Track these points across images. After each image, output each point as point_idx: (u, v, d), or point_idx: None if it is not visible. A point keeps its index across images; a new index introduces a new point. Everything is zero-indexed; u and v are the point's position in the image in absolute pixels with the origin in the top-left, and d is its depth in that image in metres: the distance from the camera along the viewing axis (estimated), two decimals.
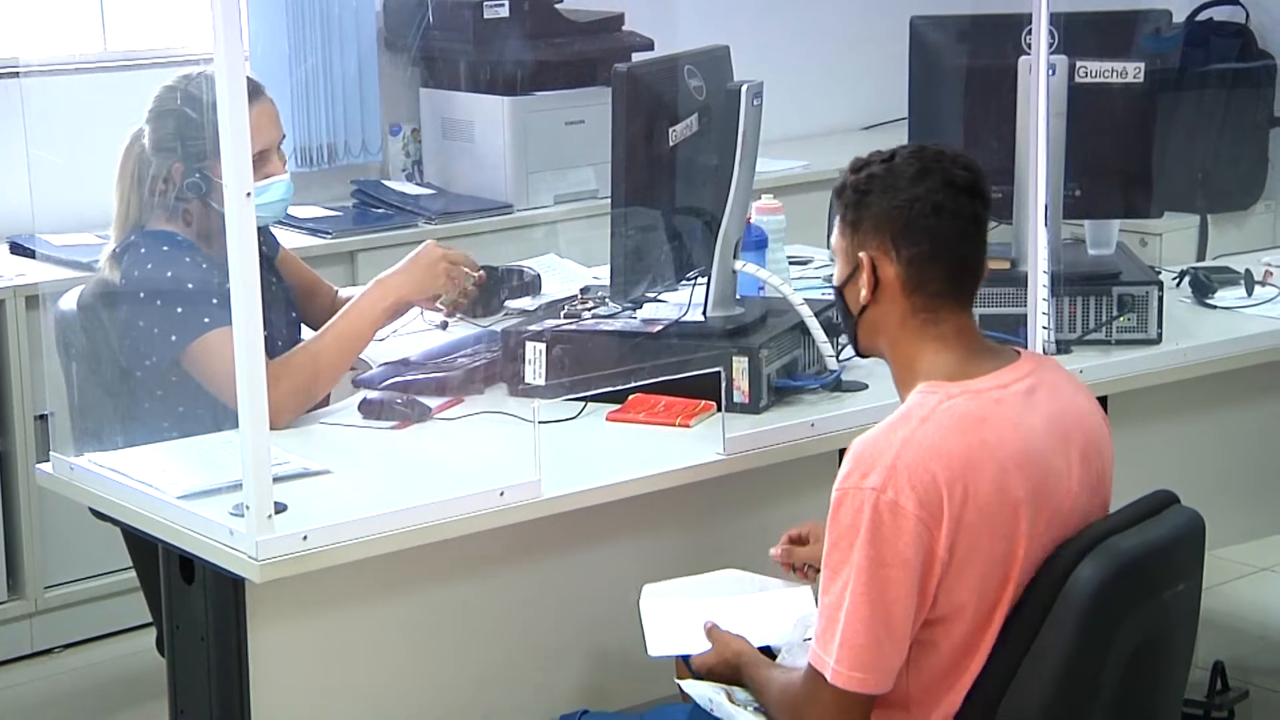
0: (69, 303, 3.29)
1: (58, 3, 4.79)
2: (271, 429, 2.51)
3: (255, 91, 3.19)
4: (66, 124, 4.38)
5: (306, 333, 3.43)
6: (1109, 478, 2.53)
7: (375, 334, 3.20)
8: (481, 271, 3.42)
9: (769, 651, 2.61)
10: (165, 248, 3.14)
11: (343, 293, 3.55)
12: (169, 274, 3.11)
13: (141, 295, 3.11)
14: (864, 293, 2.47)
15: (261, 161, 3.19)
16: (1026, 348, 3.22)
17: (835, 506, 2.34)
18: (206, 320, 3.04)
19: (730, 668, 2.56)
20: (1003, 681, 2.37)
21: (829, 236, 2.60)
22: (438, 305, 3.32)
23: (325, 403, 3.18)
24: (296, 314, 3.42)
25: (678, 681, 2.60)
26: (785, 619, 2.65)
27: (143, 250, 3.15)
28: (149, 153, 3.17)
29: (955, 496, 2.30)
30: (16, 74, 4.01)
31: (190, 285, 3.08)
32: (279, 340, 3.26)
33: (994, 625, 2.36)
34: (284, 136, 3.30)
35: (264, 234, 3.28)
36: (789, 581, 2.78)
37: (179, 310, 3.08)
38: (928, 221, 2.43)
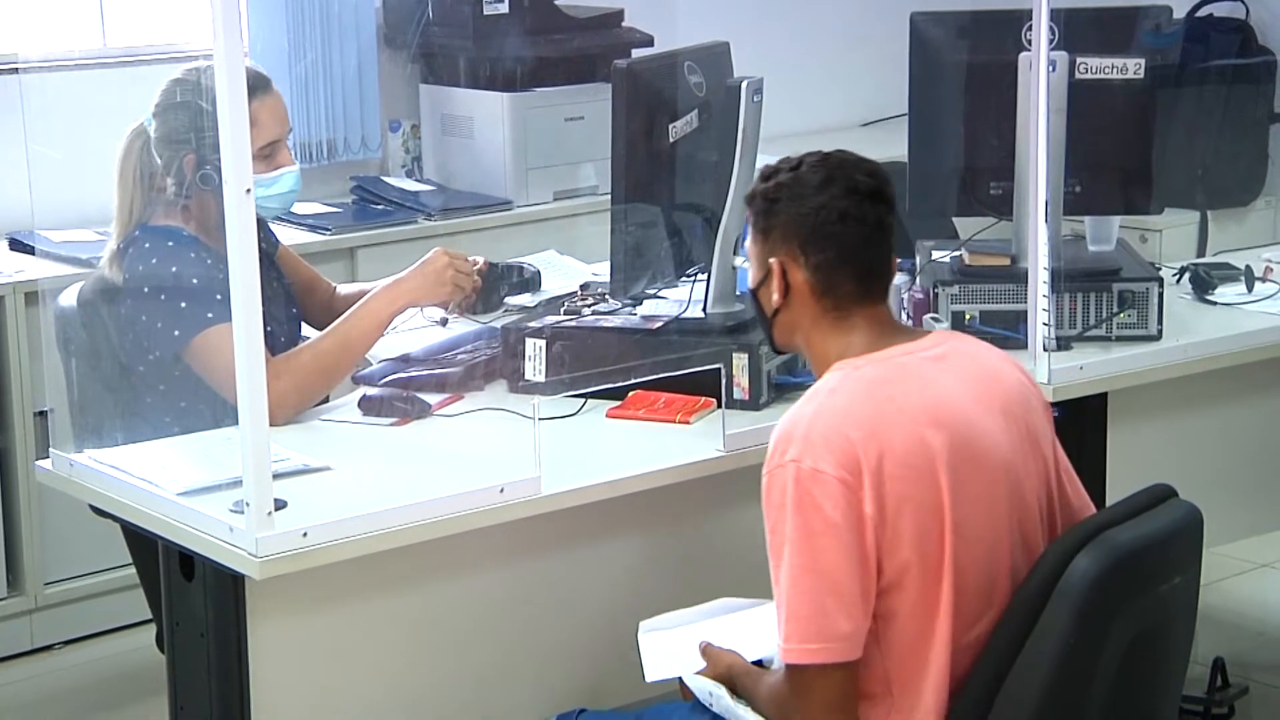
0: (69, 299, 3.28)
1: None
2: (272, 425, 2.51)
3: (263, 85, 3.21)
4: (66, 120, 4.36)
5: (306, 329, 3.43)
6: (1044, 432, 2.57)
7: (382, 334, 3.20)
8: (483, 260, 3.42)
9: (766, 666, 2.62)
10: (169, 243, 3.15)
11: (340, 289, 3.55)
12: (173, 269, 3.11)
13: (145, 290, 3.12)
14: (775, 297, 2.57)
15: (271, 153, 3.22)
16: (1026, 345, 3.24)
17: (765, 492, 2.43)
18: (210, 315, 3.04)
19: (725, 681, 2.58)
20: (999, 672, 2.39)
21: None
22: (447, 311, 3.33)
23: (325, 399, 3.18)
24: (297, 310, 3.42)
25: (680, 675, 2.60)
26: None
27: (147, 245, 3.15)
28: (154, 147, 3.17)
29: (871, 454, 2.37)
30: (16, 70, 4.00)
31: (194, 280, 3.08)
32: (280, 336, 3.26)
33: (945, 584, 2.39)
34: (291, 130, 3.32)
35: (264, 230, 3.28)
36: None
37: (182, 305, 3.08)
38: (833, 228, 2.52)
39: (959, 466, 2.40)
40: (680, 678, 2.61)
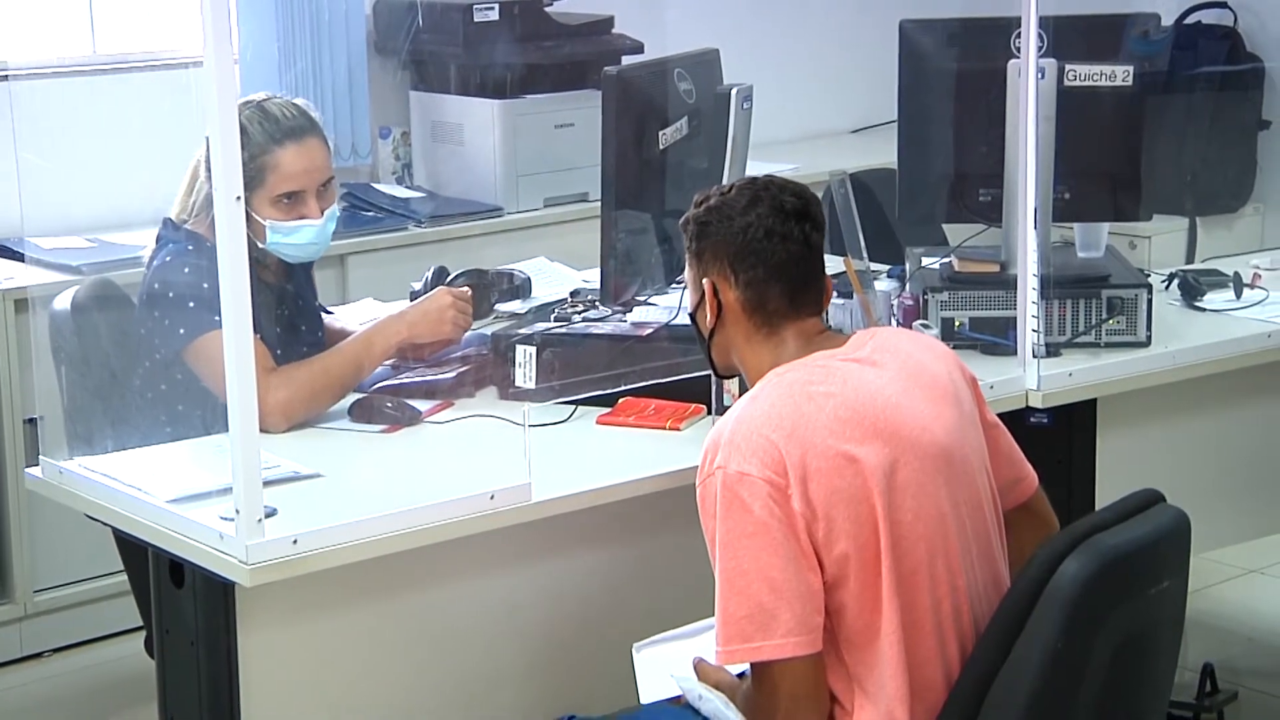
0: (63, 302, 3.29)
1: (47, 6, 4.78)
2: (262, 434, 2.51)
3: (299, 131, 3.17)
4: (55, 127, 4.37)
5: None
6: (974, 410, 2.61)
7: (380, 364, 3.21)
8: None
9: None
10: (190, 247, 3.16)
11: (326, 320, 3.52)
12: (186, 270, 3.12)
13: (156, 286, 3.13)
14: (709, 317, 2.63)
15: (295, 203, 3.17)
16: (1016, 352, 3.24)
17: (700, 504, 2.48)
18: (216, 319, 3.04)
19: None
20: (987, 675, 2.39)
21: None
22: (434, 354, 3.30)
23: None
24: (323, 333, 3.41)
25: (672, 675, 2.62)
26: None
27: (170, 245, 3.18)
28: (202, 166, 3.18)
29: (793, 452, 2.41)
30: (5, 77, 3.99)
31: (205, 285, 3.09)
32: (304, 348, 3.25)
33: (885, 571, 2.42)
34: (331, 177, 3.25)
35: None
36: None
37: (191, 305, 3.09)
38: (760, 245, 2.58)
39: (886, 454, 2.44)
40: (672, 676, 2.61)
